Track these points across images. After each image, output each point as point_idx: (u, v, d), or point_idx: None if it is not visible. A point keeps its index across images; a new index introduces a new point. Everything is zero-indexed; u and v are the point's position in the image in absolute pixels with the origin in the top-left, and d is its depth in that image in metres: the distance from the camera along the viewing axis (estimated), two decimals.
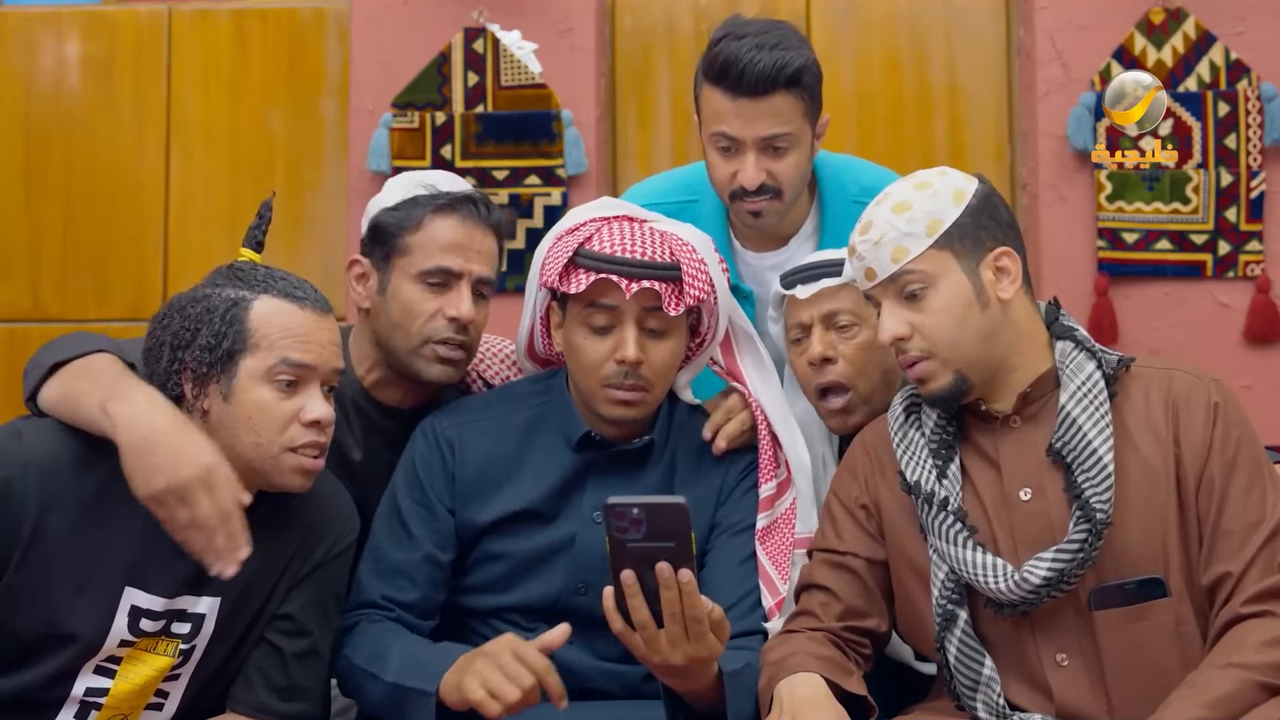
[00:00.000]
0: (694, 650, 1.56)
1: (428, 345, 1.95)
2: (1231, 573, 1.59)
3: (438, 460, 1.92)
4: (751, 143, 2.06)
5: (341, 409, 1.99)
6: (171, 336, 1.64)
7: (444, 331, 1.95)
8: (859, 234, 1.72)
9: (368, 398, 2.04)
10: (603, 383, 1.85)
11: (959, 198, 1.69)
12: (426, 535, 1.89)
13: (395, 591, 1.88)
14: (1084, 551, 1.60)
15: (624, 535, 1.50)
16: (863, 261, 1.71)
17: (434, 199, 1.97)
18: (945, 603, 1.68)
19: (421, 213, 1.96)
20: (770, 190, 2.10)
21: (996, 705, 1.66)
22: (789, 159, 2.09)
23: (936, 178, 1.73)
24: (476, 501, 1.91)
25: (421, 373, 1.97)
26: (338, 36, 3.69)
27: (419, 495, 1.91)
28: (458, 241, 1.95)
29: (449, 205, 1.96)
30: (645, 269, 1.82)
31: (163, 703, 1.71)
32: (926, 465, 1.72)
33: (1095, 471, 1.62)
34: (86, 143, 3.74)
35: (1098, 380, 1.67)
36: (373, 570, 1.90)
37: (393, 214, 1.98)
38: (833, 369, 1.96)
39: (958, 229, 1.68)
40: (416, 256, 1.95)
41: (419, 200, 1.97)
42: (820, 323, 1.98)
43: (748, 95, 2.03)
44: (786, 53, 2.03)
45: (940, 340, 1.67)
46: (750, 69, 2.01)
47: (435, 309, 1.95)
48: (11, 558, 1.57)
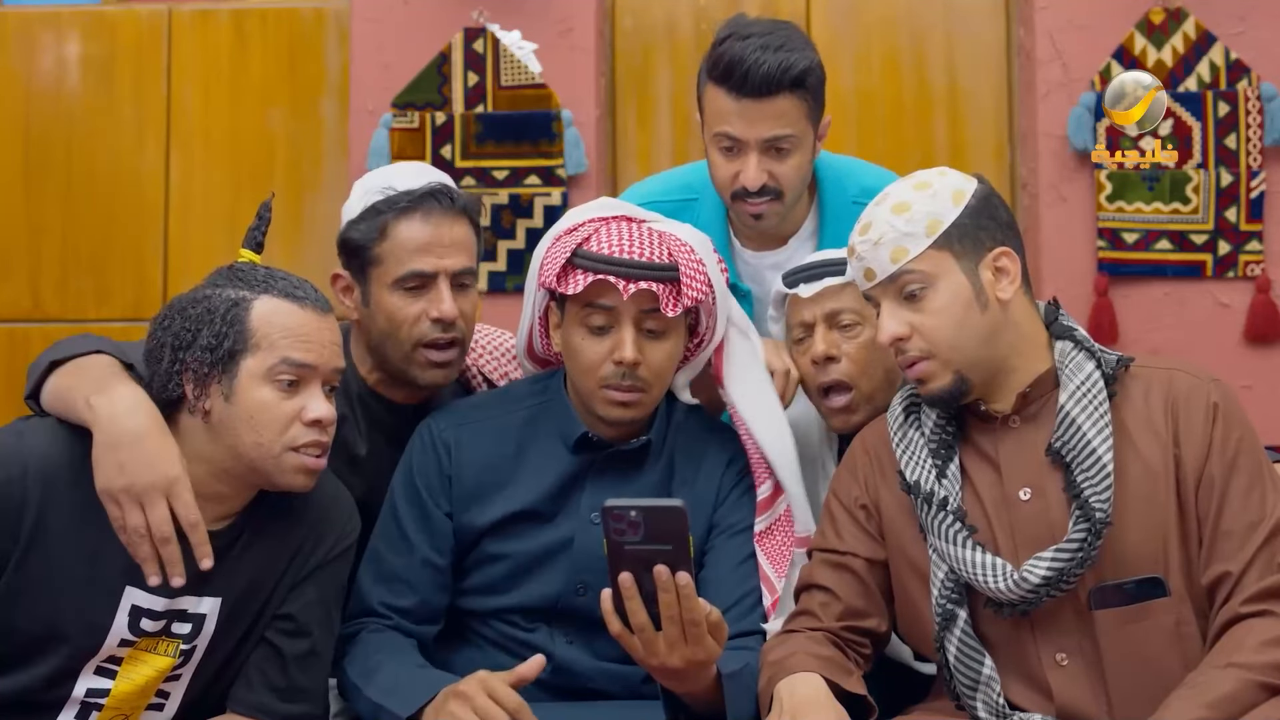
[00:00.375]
0: (692, 653, 1.56)
1: (418, 350, 1.95)
2: (1231, 572, 1.59)
3: (434, 464, 1.92)
4: (754, 144, 2.06)
5: (347, 404, 2.00)
6: (172, 337, 1.64)
7: (431, 333, 1.94)
8: (858, 234, 1.72)
9: (372, 394, 2.05)
10: (600, 383, 1.85)
11: (958, 198, 1.69)
12: (423, 540, 1.89)
13: (393, 598, 1.88)
14: (1083, 551, 1.60)
15: (622, 538, 1.50)
16: (862, 262, 1.71)
17: (393, 204, 1.94)
18: (945, 602, 1.68)
19: (384, 220, 1.94)
20: (771, 192, 2.09)
21: (996, 705, 1.66)
22: (791, 161, 2.09)
23: (936, 178, 1.73)
24: (475, 503, 1.91)
25: (418, 379, 1.97)
26: (338, 36, 3.70)
27: (415, 500, 1.91)
28: (425, 242, 1.93)
29: (409, 207, 1.94)
30: (643, 270, 1.82)
31: (163, 703, 1.71)
32: (926, 465, 1.72)
33: (1094, 471, 1.62)
34: (86, 143, 3.74)
35: (1097, 380, 1.67)
36: (372, 575, 1.90)
37: (357, 228, 1.96)
38: (835, 368, 1.96)
39: (957, 229, 1.68)
40: (389, 265, 1.94)
41: (378, 207, 1.95)
42: (823, 321, 1.98)
43: (752, 96, 2.03)
44: (792, 54, 2.02)
45: (940, 341, 1.68)
46: (755, 70, 2.01)
47: (418, 313, 1.94)
48: (11, 557, 1.57)
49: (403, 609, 1.88)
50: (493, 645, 1.91)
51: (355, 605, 1.89)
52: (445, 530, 1.90)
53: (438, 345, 1.95)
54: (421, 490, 1.91)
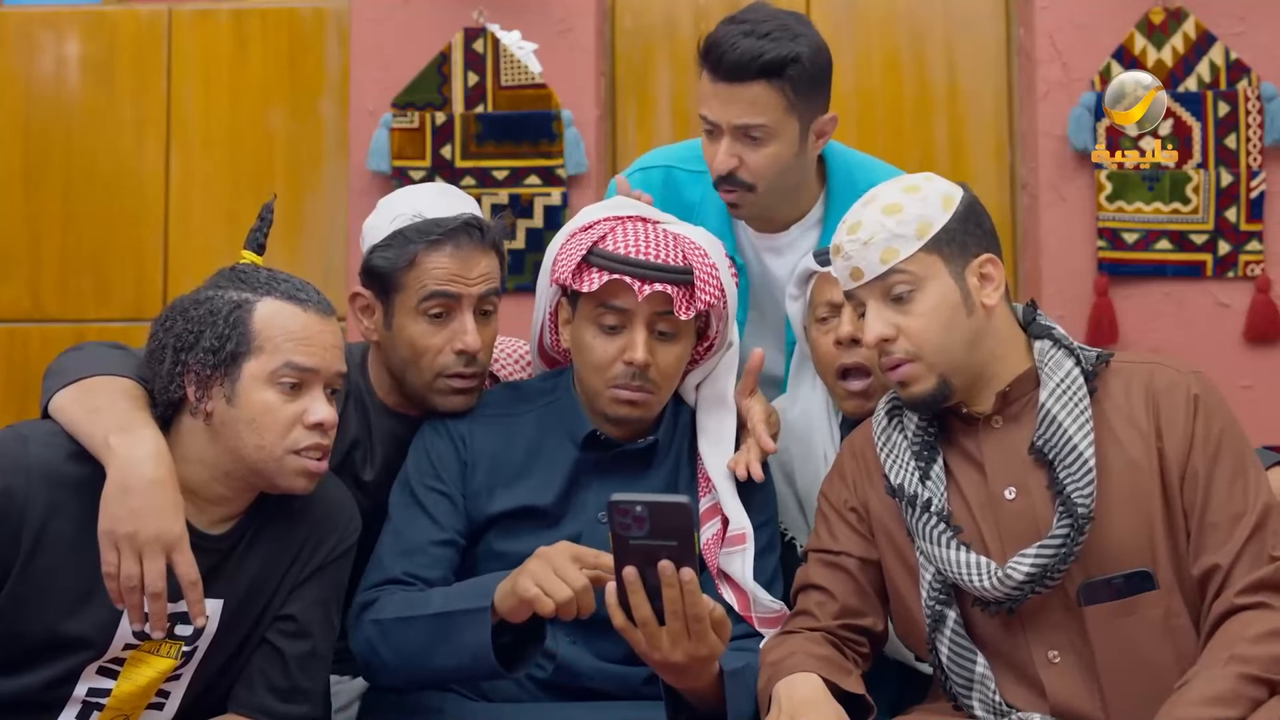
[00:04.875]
0: (695, 648, 1.57)
1: (440, 379, 1.94)
2: (1220, 565, 1.60)
3: (451, 450, 1.92)
4: (727, 128, 2.04)
5: (363, 427, 2.00)
6: (174, 339, 1.64)
7: (454, 366, 1.93)
8: (846, 233, 1.72)
9: (390, 413, 2.04)
10: (609, 383, 1.85)
11: (947, 203, 1.70)
12: (446, 518, 1.88)
13: (418, 569, 1.84)
14: (1066, 546, 1.61)
15: (627, 532, 1.51)
16: (849, 261, 1.71)
17: (424, 234, 1.91)
18: (934, 603, 1.68)
19: (414, 250, 1.91)
20: (740, 182, 2.07)
21: (993, 703, 1.66)
22: (764, 151, 2.06)
23: (924, 182, 1.73)
24: (484, 496, 1.90)
25: (439, 407, 1.96)
26: (338, 36, 3.70)
27: (435, 482, 1.90)
28: (453, 273, 1.91)
29: (441, 239, 1.91)
30: (658, 272, 1.82)
31: (164, 703, 1.71)
32: (909, 468, 1.72)
33: (1076, 467, 1.63)
34: (86, 143, 3.74)
35: (1076, 377, 1.68)
36: (394, 550, 1.86)
37: (384, 255, 1.93)
38: (860, 351, 1.94)
39: (946, 234, 1.68)
40: (413, 291, 1.92)
41: (408, 235, 1.92)
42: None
43: (724, 80, 2.02)
44: (773, 43, 2.00)
45: (926, 343, 1.68)
46: (729, 54, 1.99)
47: (442, 343, 1.93)
48: (16, 562, 1.57)
49: (428, 580, 1.83)
50: None
51: (373, 577, 1.85)
52: (462, 513, 1.89)
53: (460, 376, 1.94)
54: (441, 473, 1.90)
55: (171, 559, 1.55)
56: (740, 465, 1.90)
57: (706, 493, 1.93)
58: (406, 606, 1.75)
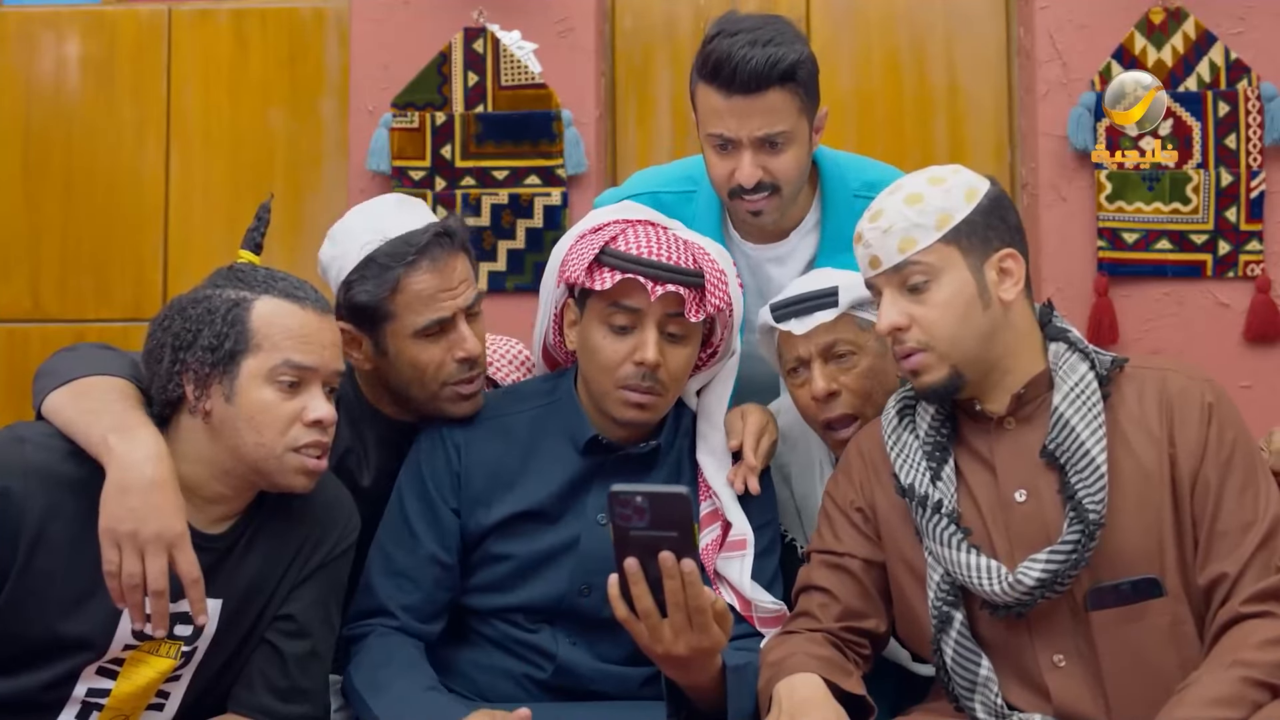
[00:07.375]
0: (697, 640, 1.57)
1: (446, 389, 1.94)
2: (1228, 574, 1.60)
3: (443, 461, 1.92)
4: (748, 141, 2.04)
5: (355, 436, 2.00)
6: (173, 338, 1.64)
7: (459, 374, 1.94)
8: (868, 221, 1.72)
9: (388, 421, 2.04)
10: (618, 384, 1.85)
11: (971, 196, 1.70)
12: (430, 535, 1.89)
13: (399, 594, 1.88)
14: (1077, 552, 1.60)
15: (628, 523, 1.51)
16: (869, 249, 1.71)
17: (398, 257, 1.89)
18: (941, 605, 1.68)
19: (395, 275, 1.89)
20: (768, 187, 2.08)
21: (995, 706, 1.66)
22: (786, 155, 2.07)
23: (950, 174, 1.73)
24: (482, 503, 1.91)
25: (450, 414, 1.96)
26: (338, 36, 3.69)
27: (423, 496, 1.91)
28: (437, 288, 1.91)
29: (416, 259, 1.90)
30: (671, 273, 1.83)
31: (163, 703, 1.71)
32: (920, 468, 1.72)
33: (1088, 472, 1.62)
34: (86, 143, 3.74)
35: (1091, 381, 1.68)
36: (380, 570, 1.90)
37: (364, 289, 1.91)
38: (839, 402, 1.93)
39: (967, 226, 1.68)
40: (406, 318, 1.91)
41: (381, 261, 1.90)
42: (819, 356, 1.94)
43: (741, 93, 2.01)
44: (780, 48, 2.00)
45: (939, 334, 1.67)
46: (743, 66, 1.99)
47: (442, 355, 1.93)
48: (14, 564, 1.57)
49: (408, 605, 1.87)
50: (494, 645, 1.91)
51: (363, 601, 1.89)
52: (452, 528, 1.90)
53: (465, 381, 1.95)
54: (430, 487, 1.91)
55: (173, 557, 1.55)
56: (739, 481, 1.92)
57: (707, 497, 1.93)
58: (370, 686, 1.77)
